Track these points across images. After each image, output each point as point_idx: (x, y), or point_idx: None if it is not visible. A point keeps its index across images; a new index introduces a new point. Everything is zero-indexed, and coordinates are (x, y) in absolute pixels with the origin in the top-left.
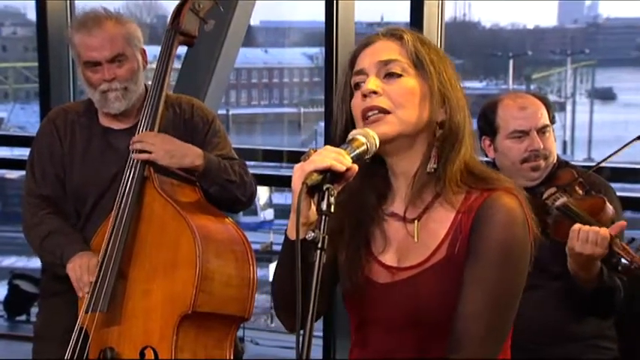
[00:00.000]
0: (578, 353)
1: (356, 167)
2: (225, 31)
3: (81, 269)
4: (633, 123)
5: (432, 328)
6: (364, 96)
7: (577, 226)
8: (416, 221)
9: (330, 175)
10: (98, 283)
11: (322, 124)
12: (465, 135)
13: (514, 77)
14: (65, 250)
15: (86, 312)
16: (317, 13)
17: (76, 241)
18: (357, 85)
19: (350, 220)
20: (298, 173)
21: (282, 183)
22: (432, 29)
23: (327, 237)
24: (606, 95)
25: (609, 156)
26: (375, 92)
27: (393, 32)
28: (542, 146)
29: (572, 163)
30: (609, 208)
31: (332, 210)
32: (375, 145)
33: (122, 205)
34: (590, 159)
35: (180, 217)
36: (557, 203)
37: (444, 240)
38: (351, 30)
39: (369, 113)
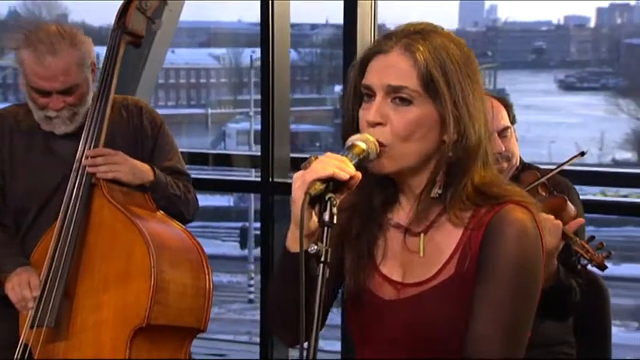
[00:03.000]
0: (541, 358)
1: (359, 175)
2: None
3: (20, 287)
4: (533, 124)
5: (439, 347)
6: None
7: None
8: (422, 235)
9: (332, 184)
10: (44, 297)
11: (230, 125)
12: (478, 156)
13: None
14: (2, 267)
15: (31, 327)
16: (224, 14)
17: (13, 255)
18: (367, 95)
19: (359, 218)
20: (299, 182)
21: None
22: (365, 30)
23: (329, 249)
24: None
25: (568, 160)
26: (379, 124)
27: (408, 46)
28: (503, 149)
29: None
30: (571, 207)
31: (334, 221)
32: (376, 151)
33: (69, 213)
34: None
35: (132, 225)
36: None
37: (452, 256)
38: (287, 31)
39: None
